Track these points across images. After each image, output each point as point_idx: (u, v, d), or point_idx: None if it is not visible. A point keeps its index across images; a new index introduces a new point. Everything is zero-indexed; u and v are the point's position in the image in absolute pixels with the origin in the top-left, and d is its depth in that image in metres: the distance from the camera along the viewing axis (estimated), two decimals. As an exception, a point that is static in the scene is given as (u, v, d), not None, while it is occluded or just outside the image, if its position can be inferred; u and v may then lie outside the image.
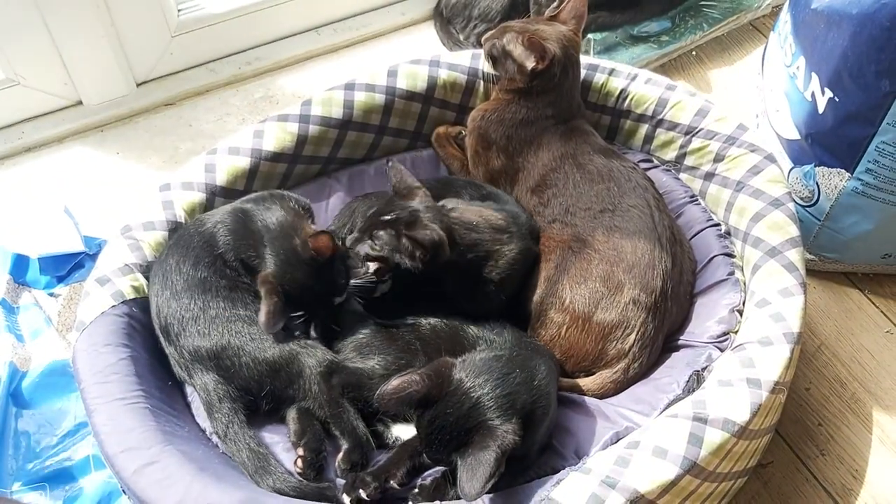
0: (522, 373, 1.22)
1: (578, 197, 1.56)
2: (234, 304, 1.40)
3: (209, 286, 1.40)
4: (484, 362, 1.22)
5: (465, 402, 1.17)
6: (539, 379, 1.24)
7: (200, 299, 1.39)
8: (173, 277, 1.41)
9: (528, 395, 1.21)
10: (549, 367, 1.29)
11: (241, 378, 1.36)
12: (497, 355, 1.25)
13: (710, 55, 2.27)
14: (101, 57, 2.02)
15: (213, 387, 1.36)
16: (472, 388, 1.18)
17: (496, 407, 1.17)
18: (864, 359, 1.68)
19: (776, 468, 1.52)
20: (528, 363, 1.25)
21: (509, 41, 1.62)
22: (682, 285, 1.50)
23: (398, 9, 2.35)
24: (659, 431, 1.23)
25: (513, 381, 1.20)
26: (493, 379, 1.19)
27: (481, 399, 1.17)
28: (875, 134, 1.54)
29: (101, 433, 1.27)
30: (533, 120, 1.64)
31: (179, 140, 2.07)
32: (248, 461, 1.31)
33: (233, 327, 1.37)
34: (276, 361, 1.37)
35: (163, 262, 1.44)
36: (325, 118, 1.70)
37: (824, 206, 1.69)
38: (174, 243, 1.46)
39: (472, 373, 1.19)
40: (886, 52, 1.44)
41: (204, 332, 1.37)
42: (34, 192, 1.96)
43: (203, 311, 1.38)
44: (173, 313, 1.39)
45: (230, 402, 1.36)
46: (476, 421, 1.16)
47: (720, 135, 1.62)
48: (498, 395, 1.17)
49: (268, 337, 1.37)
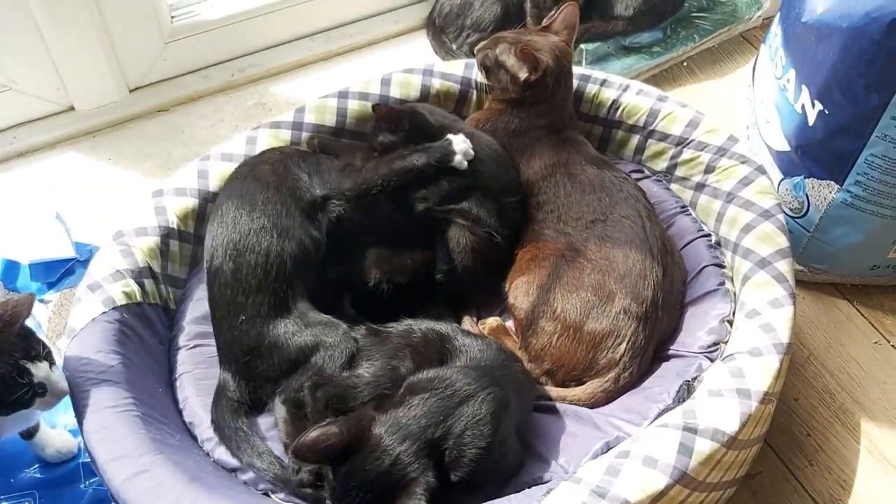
0: (447, 421, 1.20)
1: (570, 206, 1.56)
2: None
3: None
4: (405, 413, 1.20)
5: (385, 460, 1.15)
6: (480, 419, 1.21)
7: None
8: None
9: (457, 439, 1.20)
10: (500, 400, 1.25)
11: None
12: (428, 396, 1.22)
13: (701, 66, 2.28)
14: (93, 62, 2.02)
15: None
16: (390, 446, 1.16)
17: (415, 461, 1.16)
18: (853, 369, 1.69)
19: (765, 478, 1.53)
20: (473, 398, 1.23)
21: (502, 52, 1.63)
22: (673, 295, 1.51)
23: (391, 17, 2.36)
24: (649, 441, 1.24)
25: (432, 434, 1.18)
26: (412, 435, 1.17)
27: (400, 456, 1.16)
28: (864, 146, 1.55)
29: (91, 441, 1.27)
30: (525, 130, 1.65)
31: (172, 146, 2.07)
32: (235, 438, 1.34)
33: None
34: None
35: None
36: (318, 126, 1.70)
37: (814, 218, 1.70)
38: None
39: (391, 429, 1.18)
40: (876, 65, 1.46)
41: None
42: (26, 197, 1.96)
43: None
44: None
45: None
46: (397, 477, 1.15)
47: (711, 146, 1.63)
48: (416, 449, 1.16)
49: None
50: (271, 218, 1.42)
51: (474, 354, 1.35)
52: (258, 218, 1.41)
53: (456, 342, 1.37)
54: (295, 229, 1.42)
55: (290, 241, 1.41)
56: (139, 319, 1.45)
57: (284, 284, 1.39)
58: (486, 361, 1.34)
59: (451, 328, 1.41)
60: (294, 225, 1.43)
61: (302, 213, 1.45)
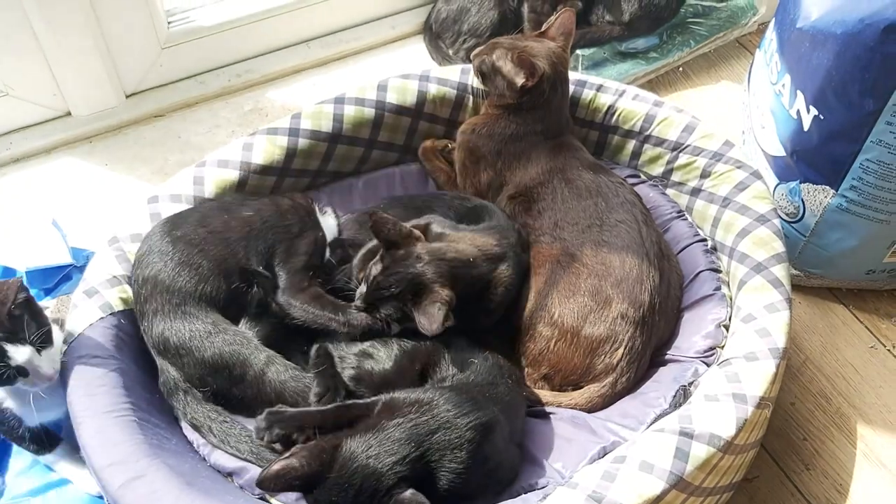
0: (424, 446, 1.18)
1: (566, 211, 1.57)
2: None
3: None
4: (380, 441, 1.18)
5: (357, 480, 1.14)
6: (456, 447, 1.20)
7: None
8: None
9: (434, 463, 1.19)
10: (482, 427, 1.23)
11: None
12: (401, 423, 1.20)
13: (696, 72, 2.29)
14: (90, 68, 2.02)
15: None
16: (361, 466, 1.15)
17: (390, 472, 1.15)
18: (849, 374, 1.69)
19: (762, 483, 1.53)
20: (452, 426, 1.21)
21: (499, 58, 1.63)
22: (670, 300, 1.51)
23: (388, 23, 2.36)
24: (645, 446, 1.24)
25: (406, 453, 1.17)
26: (386, 453, 1.16)
27: (376, 471, 1.15)
28: (859, 151, 1.55)
29: (88, 446, 1.27)
30: (522, 135, 1.65)
31: (168, 152, 2.07)
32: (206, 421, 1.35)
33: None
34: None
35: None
36: (314, 132, 1.70)
37: (809, 223, 1.70)
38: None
39: (364, 450, 1.17)
40: (870, 71, 1.46)
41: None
42: (22, 203, 1.95)
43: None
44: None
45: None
46: (372, 490, 1.14)
47: (707, 151, 1.64)
48: (392, 462, 1.16)
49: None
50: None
51: (462, 374, 1.35)
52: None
53: (445, 355, 1.37)
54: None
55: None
56: (136, 325, 1.45)
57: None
58: (474, 380, 1.33)
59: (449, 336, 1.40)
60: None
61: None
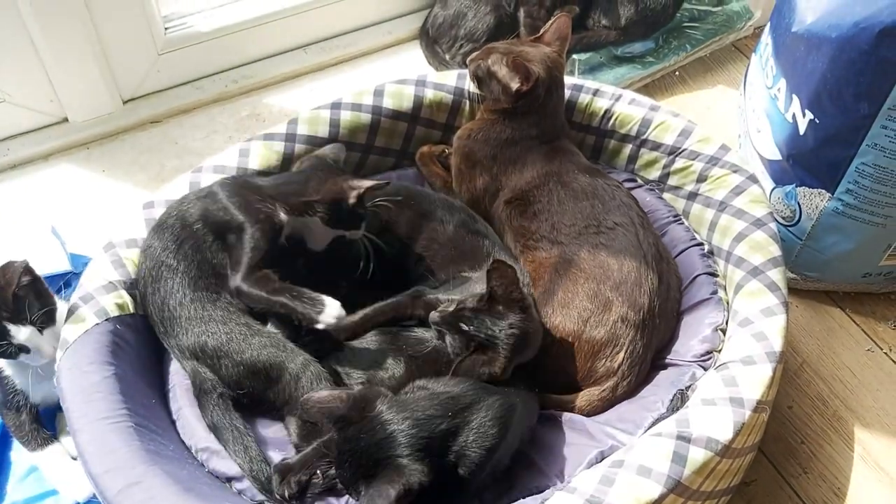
0: (456, 418, 1.21)
1: (563, 214, 1.57)
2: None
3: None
4: (414, 400, 1.21)
5: (378, 433, 1.17)
6: (479, 424, 1.22)
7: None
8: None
9: (455, 440, 1.20)
10: (506, 406, 1.26)
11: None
12: (435, 393, 1.23)
13: (692, 76, 2.29)
14: (87, 74, 2.02)
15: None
16: (389, 421, 1.17)
17: (408, 445, 1.16)
18: (846, 377, 1.70)
19: (759, 486, 1.53)
20: (475, 405, 1.23)
21: (494, 62, 1.63)
22: (669, 302, 1.51)
23: (385, 28, 2.36)
24: (643, 450, 1.24)
25: (437, 425, 1.19)
26: (413, 418, 1.18)
27: (395, 434, 1.16)
28: (855, 155, 1.56)
29: (84, 452, 1.26)
30: (518, 140, 1.65)
31: (165, 158, 2.07)
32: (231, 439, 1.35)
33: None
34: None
35: None
36: (311, 137, 1.70)
37: (805, 226, 1.71)
38: None
39: (396, 408, 1.19)
40: (865, 75, 1.47)
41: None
42: (19, 209, 1.95)
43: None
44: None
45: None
46: (385, 454, 1.16)
47: (703, 155, 1.64)
48: (414, 434, 1.17)
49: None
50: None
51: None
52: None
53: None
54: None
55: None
56: (132, 330, 1.45)
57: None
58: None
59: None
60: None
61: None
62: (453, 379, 1.30)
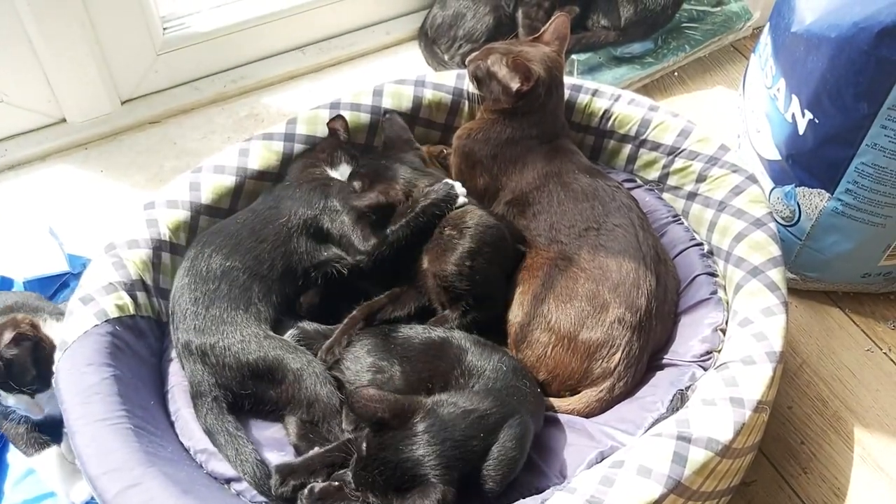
0: (487, 439, 1.22)
1: (562, 214, 1.56)
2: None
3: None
4: (451, 419, 1.21)
5: (418, 449, 1.17)
6: (502, 445, 1.23)
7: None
8: None
9: (483, 462, 1.21)
10: (523, 425, 1.27)
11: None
12: (466, 411, 1.23)
13: (692, 76, 2.29)
14: (85, 75, 2.02)
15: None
16: (429, 441, 1.18)
17: (443, 466, 1.17)
18: (845, 377, 1.70)
19: (759, 486, 1.53)
20: (500, 425, 1.24)
21: (494, 63, 1.63)
22: (667, 304, 1.51)
23: (383, 28, 2.36)
24: (643, 450, 1.24)
25: (472, 446, 1.20)
26: (453, 438, 1.19)
27: (432, 453, 1.17)
28: (854, 155, 1.56)
29: (83, 454, 1.26)
30: (518, 140, 1.65)
31: (164, 158, 2.07)
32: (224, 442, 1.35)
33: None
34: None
35: None
36: (310, 137, 1.70)
37: (805, 226, 1.71)
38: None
39: (437, 425, 1.20)
40: (864, 75, 1.47)
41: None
42: (17, 210, 1.95)
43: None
44: None
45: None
46: (419, 471, 1.16)
47: (702, 155, 1.64)
48: (450, 455, 1.18)
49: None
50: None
51: (488, 377, 1.35)
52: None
53: (468, 359, 1.37)
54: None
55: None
56: (132, 332, 1.44)
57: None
58: (500, 383, 1.33)
59: (464, 341, 1.41)
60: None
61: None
62: (475, 394, 1.29)
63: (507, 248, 1.54)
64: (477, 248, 1.47)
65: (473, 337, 1.43)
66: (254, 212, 1.55)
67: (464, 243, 1.47)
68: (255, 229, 1.50)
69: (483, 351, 1.39)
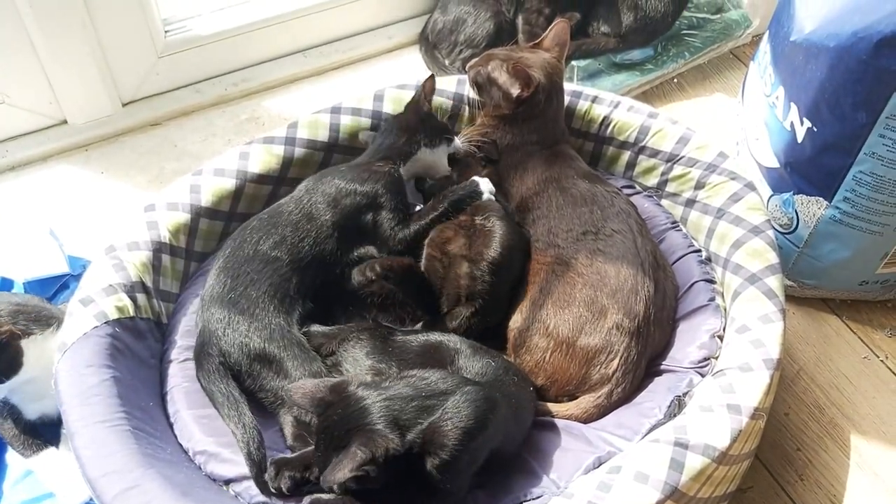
0: (430, 399, 1.21)
1: (561, 218, 1.57)
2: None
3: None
4: (389, 382, 1.24)
5: (351, 406, 1.19)
6: (454, 404, 1.21)
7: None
8: None
9: (428, 416, 1.19)
10: (484, 395, 1.24)
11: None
12: (410, 376, 1.26)
13: (691, 83, 2.30)
14: (86, 76, 2.03)
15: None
16: (362, 396, 1.19)
17: (379, 414, 1.17)
18: (842, 384, 1.70)
19: (756, 493, 1.53)
20: (451, 391, 1.23)
21: (494, 69, 1.64)
22: (665, 310, 1.51)
23: (385, 33, 2.37)
24: (640, 456, 1.24)
25: (409, 401, 1.20)
26: (387, 395, 1.20)
27: (366, 405, 1.18)
28: (853, 164, 1.56)
29: (82, 456, 1.26)
30: (518, 145, 1.66)
31: (165, 160, 2.07)
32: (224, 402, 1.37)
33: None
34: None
35: None
36: (311, 141, 1.71)
37: (803, 234, 1.71)
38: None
39: (371, 387, 1.22)
40: (863, 84, 1.47)
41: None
42: (18, 211, 1.95)
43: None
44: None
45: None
46: (356, 423, 1.16)
47: (701, 162, 1.65)
48: (386, 406, 1.18)
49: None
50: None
51: (475, 372, 1.35)
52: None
53: (460, 361, 1.38)
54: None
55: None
56: (131, 334, 1.44)
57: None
58: (485, 379, 1.34)
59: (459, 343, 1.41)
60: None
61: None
62: (436, 371, 1.31)
63: (526, 254, 1.58)
64: (509, 247, 1.52)
65: (469, 341, 1.43)
66: (298, 202, 1.56)
67: (496, 238, 1.52)
68: (299, 226, 1.52)
69: (476, 353, 1.39)
